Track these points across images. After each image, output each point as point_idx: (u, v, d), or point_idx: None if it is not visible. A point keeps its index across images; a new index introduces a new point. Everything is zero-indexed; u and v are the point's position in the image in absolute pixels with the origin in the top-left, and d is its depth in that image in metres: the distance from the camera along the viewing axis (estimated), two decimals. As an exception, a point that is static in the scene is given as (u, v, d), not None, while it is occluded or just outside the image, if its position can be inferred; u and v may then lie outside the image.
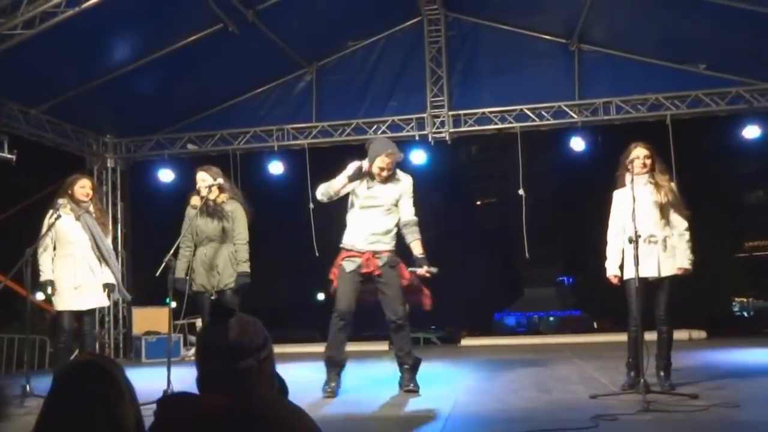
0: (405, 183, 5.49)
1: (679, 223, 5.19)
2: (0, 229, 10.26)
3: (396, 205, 5.44)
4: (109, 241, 6.03)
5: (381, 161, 5.31)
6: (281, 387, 1.79)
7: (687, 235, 5.19)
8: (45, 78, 8.48)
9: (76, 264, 5.74)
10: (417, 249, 5.44)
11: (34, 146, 9.38)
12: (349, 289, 5.33)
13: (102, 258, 5.80)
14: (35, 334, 8.91)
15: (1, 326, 9.77)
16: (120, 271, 6.16)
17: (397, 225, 5.48)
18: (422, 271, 5.39)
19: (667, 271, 5.08)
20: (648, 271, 5.00)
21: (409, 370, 5.38)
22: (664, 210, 5.13)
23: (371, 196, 5.37)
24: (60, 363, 5.75)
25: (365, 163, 5.37)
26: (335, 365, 5.37)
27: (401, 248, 5.51)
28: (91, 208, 5.87)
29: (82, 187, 5.84)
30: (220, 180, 5.90)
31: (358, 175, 5.35)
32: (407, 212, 5.47)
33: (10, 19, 7.05)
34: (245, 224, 5.90)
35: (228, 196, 5.92)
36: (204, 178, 5.89)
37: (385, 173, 5.34)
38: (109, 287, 5.85)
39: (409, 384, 5.33)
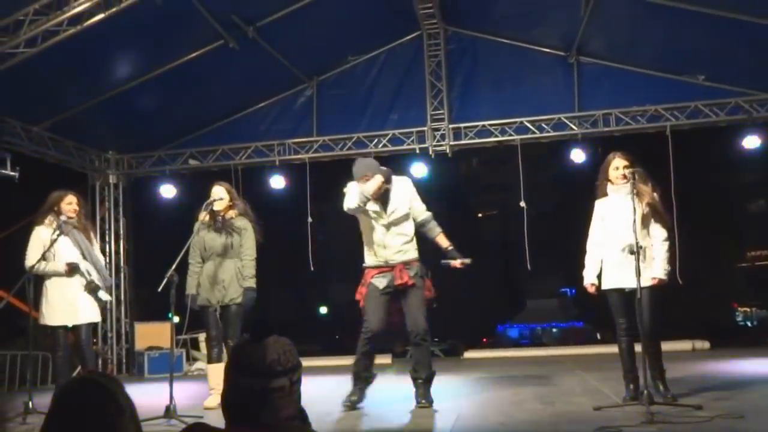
0: (407, 185, 5.54)
1: (659, 233, 5.16)
2: (2, 246, 10.27)
3: (409, 209, 5.48)
4: (97, 252, 6.03)
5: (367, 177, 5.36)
6: (302, 416, 1.81)
7: (666, 246, 5.13)
8: (47, 96, 8.54)
9: (67, 279, 5.75)
10: (444, 242, 5.51)
11: (37, 163, 9.42)
12: (379, 308, 5.33)
13: (94, 269, 5.81)
14: (38, 351, 8.90)
15: (5, 343, 9.77)
16: (111, 282, 6.11)
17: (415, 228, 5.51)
18: (457, 263, 5.41)
19: (645, 282, 5.03)
20: (625, 282, 4.96)
21: (423, 384, 5.37)
22: (644, 220, 5.11)
23: (392, 212, 5.40)
24: (60, 378, 5.77)
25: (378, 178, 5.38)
26: (361, 380, 5.40)
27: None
28: (76, 223, 5.88)
29: (69, 204, 5.85)
30: (222, 196, 5.93)
31: (389, 177, 5.37)
32: (420, 210, 5.53)
33: (13, 38, 7.12)
34: (254, 241, 5.92)
35: (237, 212, 5.96)
36: (217, 192, 5.94)
37: (381, 190, 5.36)
38: (100, 304, 5.87)
39: (423, 399, 5.33)
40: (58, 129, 9.35)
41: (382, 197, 5.38)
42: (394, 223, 5.41)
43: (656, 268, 5.07)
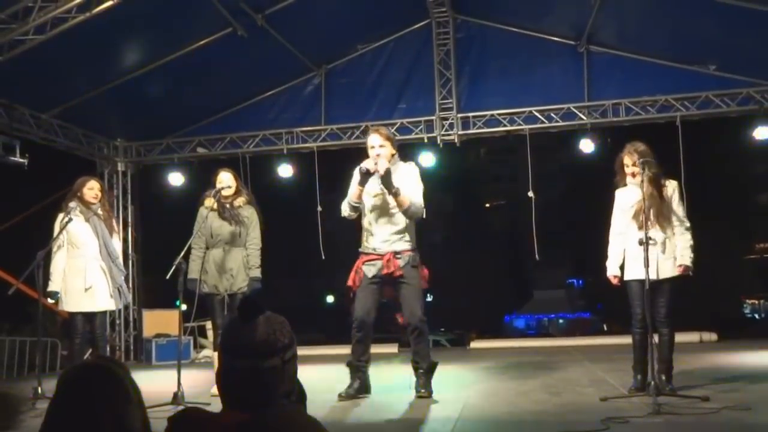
0: (406, 167, 5.43)
1: (680, 222, 5.16)
2: (12, 233, 10.33)
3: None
4: (117, 243, 6.07)
5: (369, 142, 5.37)
6: (300, 392, 1.76)
7: (688, 235, 5.15)
8: (56, 83, 8.54)
9: (87, 265, 5.79)
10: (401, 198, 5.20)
11: (46, 150, 9.45)
12: (368, 297, 5.32)
13: (109, 259, 5.85)
14: (47, 337, 8.96)
15: (14, 329, 9.85)
16: (124, 274, 6.17)
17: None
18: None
19: (666, 273, 5.02)
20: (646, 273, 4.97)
21: (424, 374, 5.36)
22: (663, 211, 5.10)
23: (378, 192, 5.31)
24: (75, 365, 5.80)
25: (367, 163, 5.32)
26: (356, 370, 5.42)
27: (422, 248, 5.49)
28: (99, 210, 5.92)
29: (91, 189, 5.89)
30: (230, 183, 5.95)
31: (367, 174, 5.30)
32: (410, 194, 5.28)
33: (22, 25, 7.12)
34: (259, 230, 5.96)
35: (244, 200, 5.99)
36: (225, 179, 5.95)
37: (376, 150, 5.28)
38: (119, 290, 5.92)
39: (422, 389, 5.31)
40: (67, 116, 9.36)
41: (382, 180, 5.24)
42: (382, 208, 5.31)
43: (682, 256, 5.06)
